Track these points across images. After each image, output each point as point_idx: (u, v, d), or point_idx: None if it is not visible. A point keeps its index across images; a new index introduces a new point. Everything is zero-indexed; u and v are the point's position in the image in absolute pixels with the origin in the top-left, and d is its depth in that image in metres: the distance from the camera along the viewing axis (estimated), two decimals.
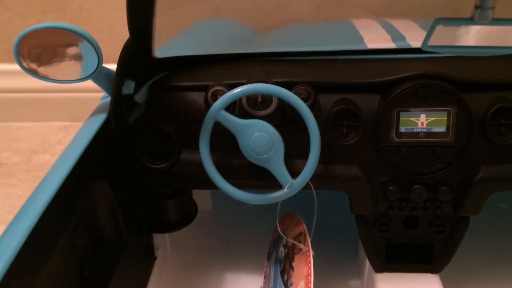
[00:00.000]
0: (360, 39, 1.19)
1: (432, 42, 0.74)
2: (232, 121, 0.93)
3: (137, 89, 1.00)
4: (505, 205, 1.47)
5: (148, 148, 1.01)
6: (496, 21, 0.71)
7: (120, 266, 0.98)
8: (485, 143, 0.97)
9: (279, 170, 0.95)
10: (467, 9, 0.74)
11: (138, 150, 1.01)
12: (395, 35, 1.19)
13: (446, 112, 0.95)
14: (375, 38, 1.19)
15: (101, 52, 0.87)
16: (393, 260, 1.10)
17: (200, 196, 1.40)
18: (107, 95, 1.00)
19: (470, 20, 0.72)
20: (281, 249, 1.11)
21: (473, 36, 0.74)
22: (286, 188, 0.95)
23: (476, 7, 0.70)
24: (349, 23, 1.33)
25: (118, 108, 0.94)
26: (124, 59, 0.91)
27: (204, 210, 1.47)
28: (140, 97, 1.01)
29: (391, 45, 1.15)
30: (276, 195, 0.96)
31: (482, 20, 0.71)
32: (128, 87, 0.95)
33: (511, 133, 0.96)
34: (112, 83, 0.92)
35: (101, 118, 0.94)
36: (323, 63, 1.08)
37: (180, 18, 1.28)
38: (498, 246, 1.32)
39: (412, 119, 0.96)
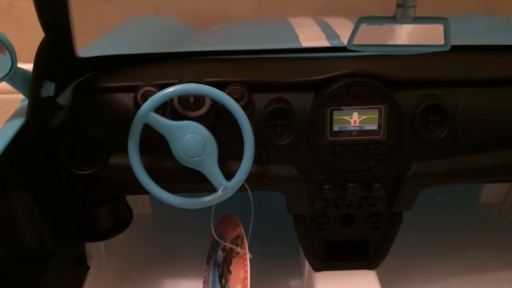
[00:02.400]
0: (295, 38, 1.18)
1: (357, 41, 0.74)
2: (163, 123, 0.90)
3: (59, 91, 0.94)
4: (439, 198, 1.52)
5: (74, 153, 0.96)
6: (418, 19, 0.72)
7: (46, 279, 0.92)
8: (415, 139, 0.99)
9: (213, 172, 0.92)
10: None
11: (62, 155, 0.95)
12: (330, 33, 1.20)
13: (377, 110, 0.96)
14: (310, 36, 1.19)
15: (14, 52, 0.81)
16: (331, 258, 1.11)
17: (139, 201, 1.36)
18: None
19: (393, 19, 0.72)
20: (220, 253, 1.08)
21: (396, 35, 0.74)
22: (220, 190, 0.92)
23: (398, 5, 0.70)
24: (286, 21, 1.33)
25: (37, 111, 0.88)
26: (41, 59, 0.85)
27: (143, 214, 1.42)
28: (63, 99, 0.95)
29: (325, 43, 1.16)
30: (210, 199, 0.93)
31: (404, 19, 0.71)
32: (48, 89, 0.89)
33: (440, 130, 0.98)
34: (30, 85, 0.86)
35: (18, 122, 0.88)
36: (257, 62, 1.07)
37: (110, 16, 1.22)
38: (433, 240, 1.36)
39: (345, 117, 0.97)
